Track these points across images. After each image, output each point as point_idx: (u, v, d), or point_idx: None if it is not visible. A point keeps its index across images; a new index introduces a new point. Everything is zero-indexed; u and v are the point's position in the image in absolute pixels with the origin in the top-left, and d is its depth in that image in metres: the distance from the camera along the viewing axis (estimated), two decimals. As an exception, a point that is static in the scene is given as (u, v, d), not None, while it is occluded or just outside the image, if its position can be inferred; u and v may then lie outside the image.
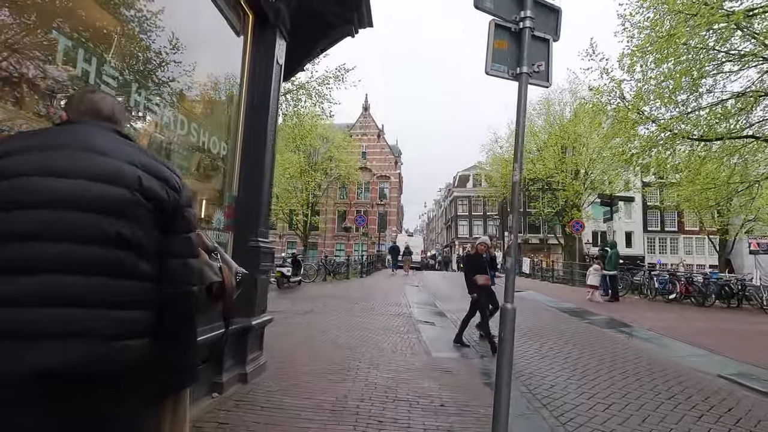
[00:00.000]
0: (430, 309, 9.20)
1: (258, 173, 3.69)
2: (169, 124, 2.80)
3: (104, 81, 2.16)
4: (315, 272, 14.39)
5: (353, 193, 44.84)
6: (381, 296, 10.76)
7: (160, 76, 2.77)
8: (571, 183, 31.64)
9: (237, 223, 3.53)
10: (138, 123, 2.53)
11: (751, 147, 13.91)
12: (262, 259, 3.62)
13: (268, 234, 3.89)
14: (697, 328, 7.84)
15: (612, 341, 6.50)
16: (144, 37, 2.56)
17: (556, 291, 14.31)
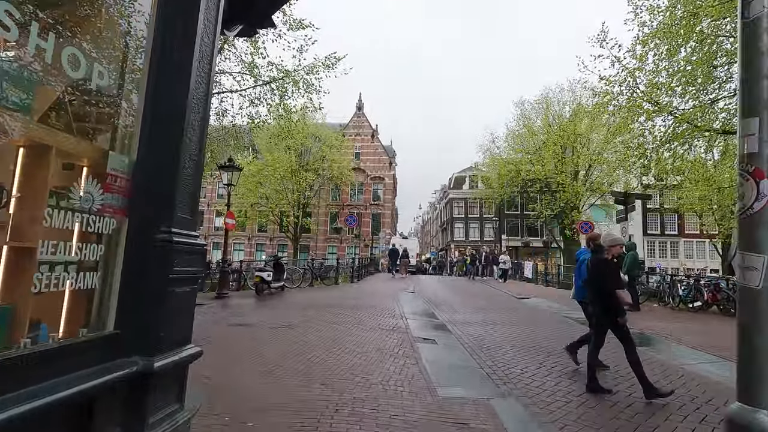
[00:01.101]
0: (428, 321, 7.88)
1: (176, 128, 2.37)
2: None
3: None
4: (300, 277, 13.03)
5: (346, 194, 43.55)
6: (372, 305, 9.42)
7: None
8: (571, 184, 30.62)
9: (134, 204, 2.21)
10: None
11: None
12: (178, 261, 2.30)
13: (195, 224, 2.56)
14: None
15: (663, 369, 5.22)
16: None
17: (564, 298, 13.06)
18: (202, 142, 2.64)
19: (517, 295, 13.16)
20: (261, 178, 34.63)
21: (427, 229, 78.74)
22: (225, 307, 8.87)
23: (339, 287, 13.72)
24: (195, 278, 2.55)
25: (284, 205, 35.64)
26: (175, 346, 2.35)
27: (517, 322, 8.02)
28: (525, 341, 6.25)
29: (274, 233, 43.44)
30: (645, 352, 5.82)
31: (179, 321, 2.40)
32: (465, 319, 8.12)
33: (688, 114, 12.41)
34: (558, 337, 6.60)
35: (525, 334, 6.86)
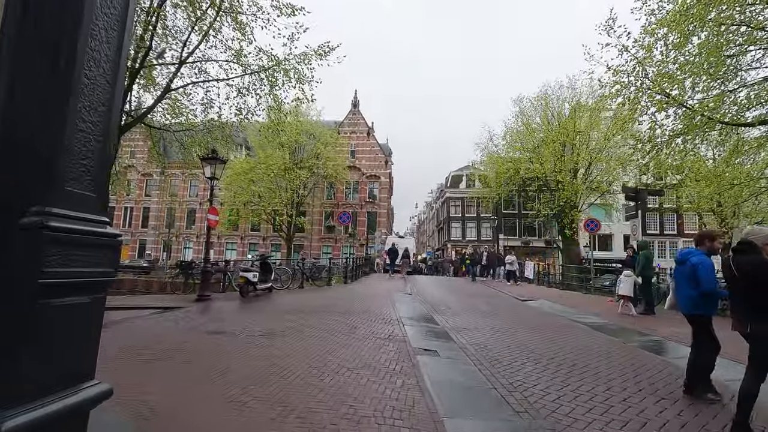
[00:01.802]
0: (428, 327, 7.09)
1: (62, 55, 1.56)
2: None
3: None
4: (290, 277, 12.19)
5: (341, 193, 42.78)
6: (366, 309, 8.62)
7: None
8: (570, 182, 30.01)
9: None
10: None
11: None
12: (61, 257, 1.50)
13: (102, 205, 1.75)
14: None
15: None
16: None
17: (570, 300, 12.33)
18: (116, 85, 1.82)
19: (520, 297, 12.42)
20: (253, 175, 33.78)
21: (423, 228, 78.04)
22: (204, 312, 8.04)
23: (331, 289, 12.90)
24: (99, 284, 1.73)
25: (277, 203, 34.76)
26: (56, 388, 1.54)
27: (525, 328, 7.25)
28: (538, 351, 5.48)
29: (268, 233, 42.55)
30: (680, 364, 5.05)
31: (65, 349, 1.58)
32: (467, 325, 7.34)
33: (704, 105, 11.72)
34: (575, 347, 5.83)
35: (536, 342, 6.09)
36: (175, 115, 15.15)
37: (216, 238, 44.30)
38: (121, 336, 5.64)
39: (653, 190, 13.02)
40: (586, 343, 6.22)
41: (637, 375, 4.56)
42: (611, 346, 6.12)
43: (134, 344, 5.06)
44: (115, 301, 10.31)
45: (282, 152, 34.67)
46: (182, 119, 15.03)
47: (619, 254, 42.57)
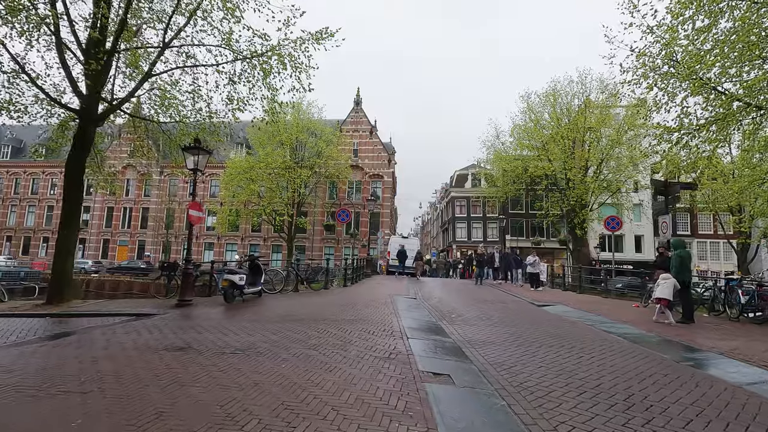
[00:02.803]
0: (437, 341, 5.96)
1: None
2: None
3: None
4: (282, 280, 11.08)
5: (343, 192, 41.72)
6: (365, 317, 7.50)
7: None
8: (581, 180, 28.86)
9: None
10: None
11: None
12: None
13: None
14: None
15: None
16: None
17: (591, 304, 11.16)
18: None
19: (536, 302, 11.26)
20: (253, 174, 32.81)
21: (427, 230, 76.87)
22: (178, 320, 6.95)
23: (329, 292, 11.79)
24: None
25: (277, 203, 33.74)
26: None
27: (551, 341, 6.12)
28: (578, 375, 4.35)
29: (269, 233, 41.58)
30: (748, 390, 3.89)
31: None
32: (483, 337, 6.22)
33: (743, 88, 10.55)
34: (620, 369, 4.69)
35: (571, 361, 4.96)
36: (164, 107, 14.16)
37: (216, 239, 43.40)
38: (53, 354, 4.57)
39: (685, 184, 11.77)
40: (630, 362, 5.07)
41: (719, 413, 3.42)
42: (662, 366, 4.96)
43: (58, 366, 3.98)
44: (93, 306, 9.26)
45: (282, 150, 33.69)
46: (172, 111, 14.06)
47: (631, 256, 41.32)
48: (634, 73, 12.17)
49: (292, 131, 33.65)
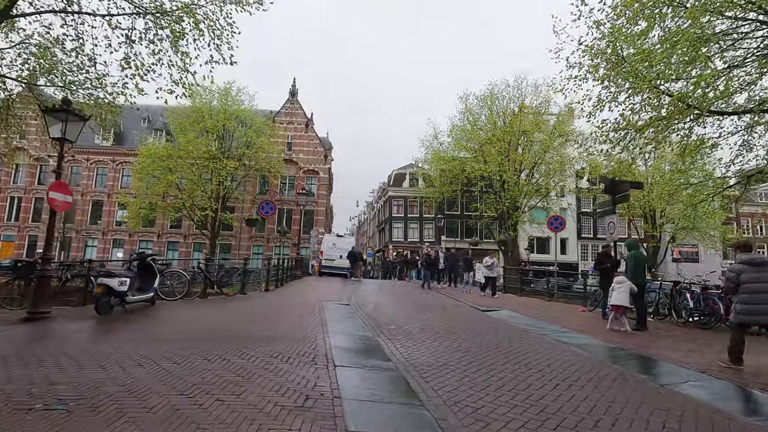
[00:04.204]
0: (374, 368, 4.55)
1: None
2: None
3: None
4: (186, 284, 9.01)
5: (275, 188, 39.08)
6: (282, 332, 5.88)
7: None
8: (515, 183, 29.40)
9: None
10: None
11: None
12: None
13: None
14: None
15: None
16: None
17: (535, 308, 10.47)
18: None
19: (480, 307, 10.33)
20: (171, 163, 29.27)
21: (363, 229, 75.78)
22: (15, 342, 4.88)
23: (246, 298, 9.93)
24: None
25: (200, 196, 30.48)
26: None
27: (513, 360, 5.02)
28: (562, 416, 3.18)
29: (190, 230, 37.70)
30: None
31: None
32: (432, 357, 4.93)
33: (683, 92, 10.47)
34: (606, 401, 3.60)
35: (546, 390, 3.84)
36: (44, 71, 11.43)
37: (128, 236, 38.53)
38: None
39: (634, 183, 11.52)
40: (611, 392, 4.04)
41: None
42: (655, 397, 3.98)
43: None
44: None
45: (207, 139, 30.49)
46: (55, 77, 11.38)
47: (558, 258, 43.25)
48: (580, 69, 11.80)
49: (218, 118, 30.64)
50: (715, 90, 10.62)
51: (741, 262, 5.16)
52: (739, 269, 5.09)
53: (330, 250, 22.29)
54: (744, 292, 5.00)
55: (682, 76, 10.77)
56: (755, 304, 4.91)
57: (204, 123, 29.91)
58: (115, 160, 39.34)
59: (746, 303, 4.98)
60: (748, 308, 4.96)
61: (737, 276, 5.07)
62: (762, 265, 5.06)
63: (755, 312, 4.92)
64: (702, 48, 10.34)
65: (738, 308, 5.09)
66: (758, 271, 4.99)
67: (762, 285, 4.92)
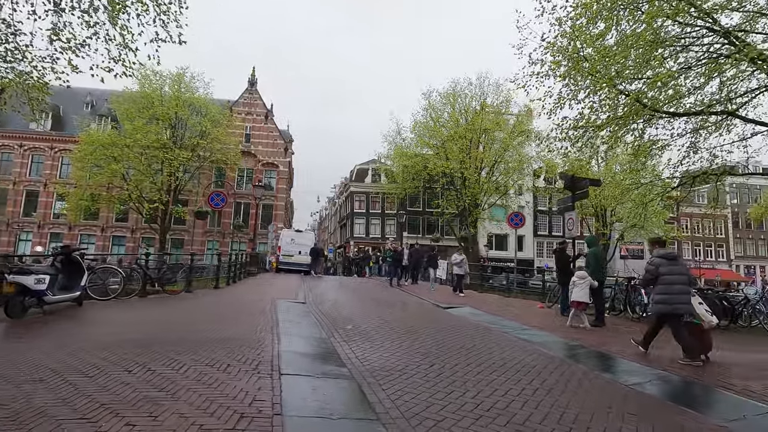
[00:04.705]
0: (325, 375, 4.10)
1: None
2: None
3: None
4: (122, 282, 8.09)
5: (232, 181, 37.44)
6: (226, 336, 5.29)
7: None
8: (476, 180, 29.77)
9: None
10: None
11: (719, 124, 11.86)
12: None
13: None
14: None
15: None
16: None
17: (495, 305, 10.38)
18: None
19: (441, 304, 10.10)
20: (116, 152, 27.18)
21: (324, 225, 74.71)
22: None
23: (191, 297, 9.14)
24: None
25: (148, 188, 28.58)
26: None
27: (477, 362, 4.73)
28: (530, 422, 2.89)
29: (138, 224, 35.44)
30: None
31: None
32: (390, 361, 4.55)
33: (640, 91, 10.70)
34: (574, 405, 3.35)
35: (513, 394, 3.55)
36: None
37: (67, 229, 35.63)
38: None
39: (593, 180, 11.67)
40: (579, 396, 3.82)
41: None
42: (623, 399, 3.79)
43: None
44: None
45: (157, 127, 28.58)
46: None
47: (513, 254, 44.44)
48: (542, 66, 11.82)
49: (170, 105, 28.83)
50: (666, 91, 10.93)
51: (658, 257, 5.51)
52: (658, 263, 5.40)
53: (288, 246, 21.50)
54: (661, 283, 5.32)
55: (638, 76, 11.02)
56: (671, 294, 5.23)
57: (154, 110, 28.07)
58: (53, 147, 36.24)
59: (663, 293, 5.29)
60: (665, 298, 5.27)
61: (656, 269, 5.36)
62: (675, 258, 5.52)
63: (671, 302, 5.23)
64: (657, 50, 10.61)
65: (656, 299, 5.43)
66: (672, 264, 5.38)
67: (676, 277, 5.29)
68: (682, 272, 5.39)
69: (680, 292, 5.22)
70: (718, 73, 10.87)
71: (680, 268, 5.41)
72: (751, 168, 13.20)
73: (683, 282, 5.31)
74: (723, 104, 11.16)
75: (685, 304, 5.26)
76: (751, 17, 10.91)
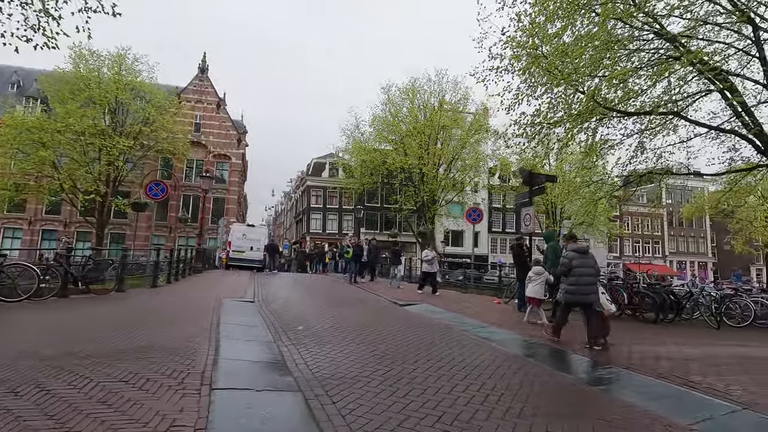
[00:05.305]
0: (268, 384, 3.59)
1: None
2: None
3: None
4: (36, 280, 6.98)
5: (180, 172, 35.28)
6: (154, 343, 4.59)
7: None
8: (434, 176, 29.88)
9: None
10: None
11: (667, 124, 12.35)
12: None
13: None
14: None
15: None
16: None
17: (451, 301, 10.19)
18: None
19: (398, 301, 9.77)
20: (45, 137, 24.67)
21: (280, 221, 72.73)
22: None
23: (122, 297, 8.20)
24: None
25: (83, 178, 26.22)
26: None
27: (439, 366, 4.37)
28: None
29: (73, 217, 32.52)
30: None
31: None
32: (343, 367, 4.10)
33: (594, 88, 10.89)
34: (542, 412, 3.07)
35: (476, 401, 3.23)
36: None
37: (-12, 222, 32.08)
38: None
39: (549, 176, 11.79)
40: (544, 398, 3.57)
41: None
42: (589, 401, 3.57)
43: None
44: None
45: (93, 111, 26.22)
46: None
47: (470, 250, 45.27)
48: (502, 60, 11.77)
49: (109, 88, 26.61)
50: (618, 90, 11.21)
51: (572, 250, 5.94)
52: (571, 256, 5.81)
53: (239, 241, 20.43)
54: (573, 275, 5.69)
55: (594, 74, 11.21)
56: (581, 285, 5.65)
57: (90, 92, 25.76)
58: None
59: (574, 284, 5.67)
60: (576, 289, 5.66)
61: (570, 262, 5.76)
62: (585, 252, 5.94)
63: (581, 292, 5.64)
64: (610, 50, 10.84)
65: (567, 289, 5.80)
66: (583, 258, 5.78)
67: (586, 269, 5.70)
68: (592, 265, 5.78)
69: (589, 284, 5.64)
70: (665, 76, 11.29)
71: (590, 261, 5.80)
72: (692, 169, 13.88)
73: (592, 274, 5.74)
74: (668, 106, 11.65)
75: (594, 293, 5.68)
76: (694, 25, 11.43)
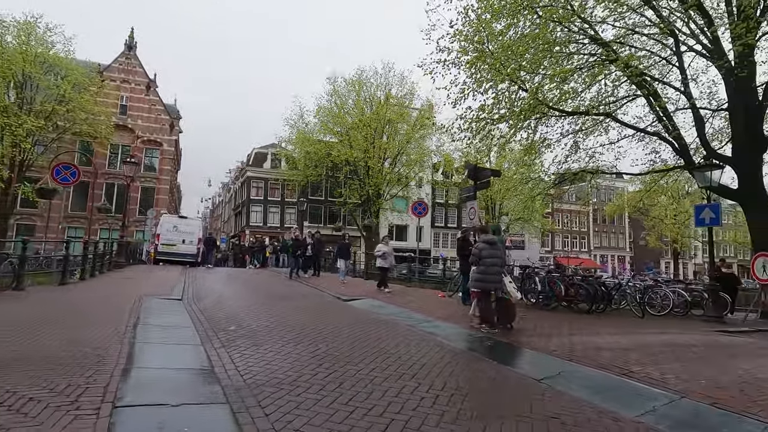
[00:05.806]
0: (189, 397, 3.09)
1: None
2: None
3: None
4: None
5: (103, 158, 32.11)
6: (49, 353, 3.85)
7: None
8: (380, 170, 29.73)
9: None
10: None
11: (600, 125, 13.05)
12: None
13: None
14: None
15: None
16: None
17: (401, 296, 10.04)
18: None
19: (341, 296, 9.43)
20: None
21: (218, 213, 69.06)
22: None
23: (20, 297, 7.05)
24: None
25: (-24, 160, 22.89)
26: None
27: (379, 360, 4.12)
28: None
29: (-33, 206, 28.36)
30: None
31: None
32: (281, 372, 3.69)
33: (537, 85, 11.19)
34: (494, 413, 2.90)
35: (426, 403, 2.99)
36: None
37: None
38: None
39: (494, 170, 11.96)
40: (496, 396, 3.42)
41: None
42: (541, 398, 3.46)
43: None
44: None
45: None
46: None
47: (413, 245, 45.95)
48: (449, 53, 11.75)
49: (14, 59, 23.41)
50: (557, 89, 11.64)
51: (482, 241, 6.34)
52: (482, 247, 6.23)
53: (169, 234, 18.90)
54: (483, 264, 6.12)
55: (536, 71, 11.54)
56: (489, 274, 6.09)
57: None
58: None
59: (484, 273, 6.12)
60: (484, 277, 6.12)
61: (480, 252, 6.19)
62: (494, 243, 6.32)
63: (489, 280, 6.12)
64: (551, 50, 11.20)
65: (475, 277, 6.28)
66: (492, 249, 6.18)
67: (494, 259, 6.14)
68: (499, 256, 6.23)
69: (495, 273, 6.12)
70: (600, 78, 11.91)
71: (498, 252, 6.23)
72: (619, 169, 14.89)
73: (499, 264, 6.18)
74: (601, 108, 12.32)
75: (498, 282, 6.18)
76: (624, 33, 12.17)
